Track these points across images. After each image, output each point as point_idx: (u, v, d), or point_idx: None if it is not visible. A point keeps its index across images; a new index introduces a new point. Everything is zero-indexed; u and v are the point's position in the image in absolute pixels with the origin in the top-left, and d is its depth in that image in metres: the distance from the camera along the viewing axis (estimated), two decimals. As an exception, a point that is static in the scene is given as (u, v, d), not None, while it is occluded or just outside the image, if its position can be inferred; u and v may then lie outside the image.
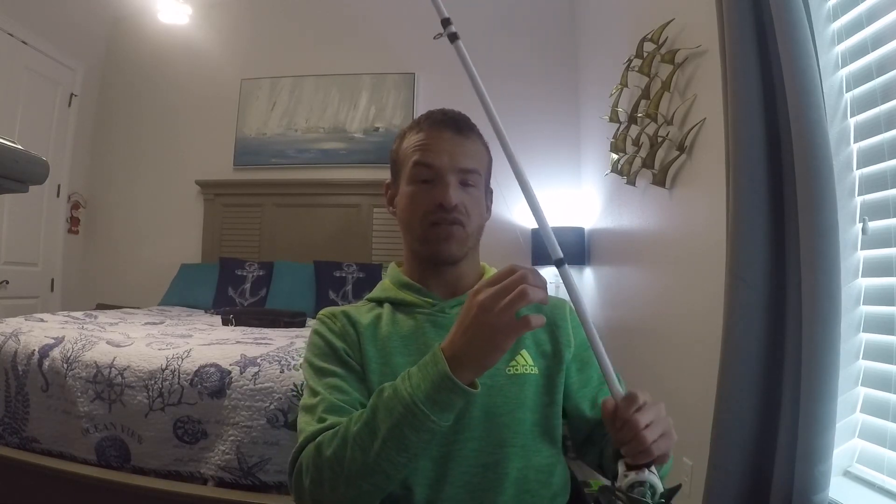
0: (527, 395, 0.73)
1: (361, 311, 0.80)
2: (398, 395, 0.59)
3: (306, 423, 0.67)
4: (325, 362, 0.73)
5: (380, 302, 0.82)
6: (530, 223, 3.04)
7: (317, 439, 0.63)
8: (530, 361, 0.75)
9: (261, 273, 3.06)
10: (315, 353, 0.75)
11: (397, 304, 0.80)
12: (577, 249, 2.88)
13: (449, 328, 0.72)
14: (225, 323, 2.27)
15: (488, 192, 0.84)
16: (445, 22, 0.56)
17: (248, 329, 2.10)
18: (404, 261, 0.85)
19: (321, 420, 0.65)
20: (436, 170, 0.75)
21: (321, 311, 0.82)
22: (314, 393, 0.70)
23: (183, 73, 3.62)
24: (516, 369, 0.74)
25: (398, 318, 0.78)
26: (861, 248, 1.05)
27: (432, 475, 0.68)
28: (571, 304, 0.83)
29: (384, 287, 0.84)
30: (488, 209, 0.84)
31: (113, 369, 1.50)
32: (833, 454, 0.97)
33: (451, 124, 0.78)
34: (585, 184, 3.07)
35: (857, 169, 1.06)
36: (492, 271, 0.84)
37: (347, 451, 0.59)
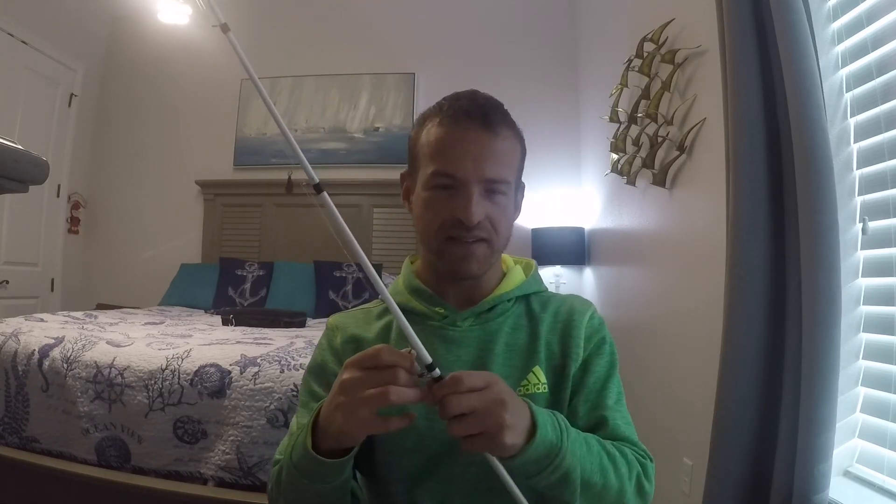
0: None
1: (370, 319, 0.76)
2: (288, 450, 0.62)
3: (282, 446, 0.69)
4: (317, 385, 0.72)
5: None
6: (530, 223, 3.04)
7: (274, 468, 0.66)
8: (542, 379, 0.69)
9: (261, 273, 3.06)
10: (312, 370, 0.74)
11: (408, 312, 0.72)
12: (577, 249, 2.88)
13: (459, 343, 0.70)
14: (225, 323, 2.27)
15: (519, 188, 0.74)
16: (225, 28, 0.51)
17: (248, 329, 2.10)
18: (421, 259, 0.78)
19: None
20: (457, 179, 0.65)
21: (331, 318, 0.78)
22: (299, 415, 0.70)
23: (183, 73, 3.62)
24: (527, 389, 0.68)
25: None
26: (861, 248, 1.05)
27: (440, 495, 0.67)
28: (594, 309, 0.77)
29: (396, 289, 0.77)
30: (518, 206, 0.75)
31: (113, 369, 1.50)
32: (833, 454, 0.97)
33: (478, 117, 0.65)
34: (585, 184, 3.07)
35: (857, 169, 1.06)
36: (517, 269, 0.78)
37: (283, 478, 0.63)
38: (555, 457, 0.56)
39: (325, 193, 0.51)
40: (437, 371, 0.52)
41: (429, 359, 0.52)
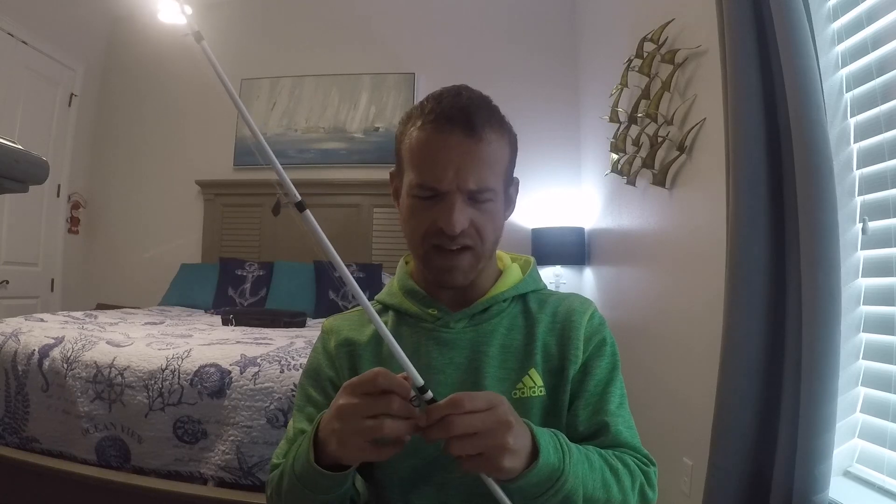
0: (531, 421, 0.67)
1: (364, 321, 0.75)
2: (289, 458, 0.62)
3: (280, 449, 0.69)
4: (312, 388, 0.72)
5: (386, 307, 0.76)
6: (530, 223, 3.04)
7: (272, 473, 0.67)
8: (539, 382, 0.67)
9: (261, 273, 3.06)
10: (308, 373, 0.74)
11: (402, 314, 0.74)
12: (577, 249, 2.88)
13: (452, 345, 0.69)
14: (225, 323, 2.27)
15: (512, 184, 0.72)
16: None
17: (248, 329, 2.10)
18: (414, 260, 0.77)
19: (286, 456, 0.67)
20: (439, 191, 0.63)
21: (327, 320, 0.79)
22: (295, 420, 0.71)
23: (183, 73, 3.61)
24: (523, 392, 0.67)
25: (402, 332, 0.72)
26: (861, 248, 1.05)
27: (436, 499, 0.67)
28: (595, 308, 0.74)
29: (391, 291, 0.77)
30: (511, 203, 0.73)
31: (113, 369, 1.50)
32: (833, 454, 0.97)
33: (461, 122, 0.62)
34: (585, 184, 3.07)
35: (857, 169, 1.07)
36: (514, 268, 0.76)
37: (283, 486, 0.63)
38: (556, 480, 0.55)
39: (307, 212, 0.50)
40: (430, 394, 0.52)
41: (420, 381, 0.52)
